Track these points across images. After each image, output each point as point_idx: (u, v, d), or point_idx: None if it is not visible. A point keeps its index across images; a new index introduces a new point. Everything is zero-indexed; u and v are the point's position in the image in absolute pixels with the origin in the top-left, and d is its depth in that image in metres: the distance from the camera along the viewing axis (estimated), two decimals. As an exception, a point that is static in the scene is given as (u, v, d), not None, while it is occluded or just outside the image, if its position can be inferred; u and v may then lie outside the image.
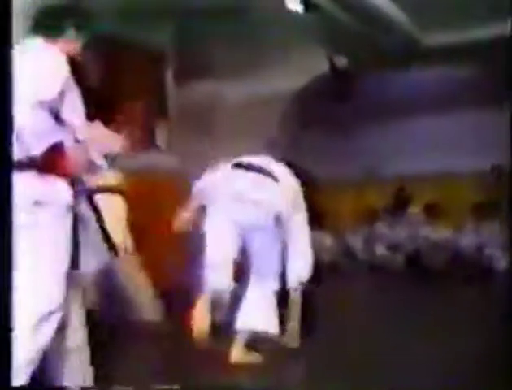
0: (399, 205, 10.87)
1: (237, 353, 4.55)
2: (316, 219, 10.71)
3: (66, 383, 3.16)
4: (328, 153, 11.48)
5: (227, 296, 4.76)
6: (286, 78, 9.41)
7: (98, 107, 3.59)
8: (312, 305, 5.13)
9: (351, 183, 11.73)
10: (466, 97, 10.47)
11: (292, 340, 4.82)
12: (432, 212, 10.49)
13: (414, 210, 10.82)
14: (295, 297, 4.88)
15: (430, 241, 10.27)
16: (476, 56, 9.48)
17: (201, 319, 4.42)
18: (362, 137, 11.99)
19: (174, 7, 7.77)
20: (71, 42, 3.35)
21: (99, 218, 3.27)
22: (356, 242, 11.31)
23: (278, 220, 4.67)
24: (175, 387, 3.31)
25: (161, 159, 8.61)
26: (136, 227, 5.32)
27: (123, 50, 8.20)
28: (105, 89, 3.38)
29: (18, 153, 2.85)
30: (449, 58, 10.08)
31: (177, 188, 8.53)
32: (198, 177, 4.93)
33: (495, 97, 9.37)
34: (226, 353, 4.49)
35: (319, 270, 5.11)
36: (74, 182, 3.12)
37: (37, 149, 2.89)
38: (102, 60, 7.86)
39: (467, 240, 10.01)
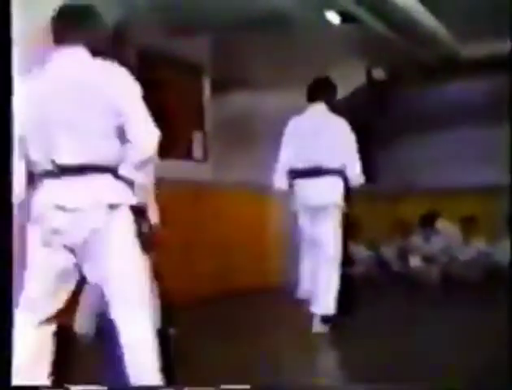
0: (426, 219, 10.81)
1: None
2: (351, 231, 10.81)
3: None
4: (365, 165, 11.46)
5: None
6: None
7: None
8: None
9: (386, 195, 11.70)
10: (504, 109, 10.39)
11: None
12: (468, 225, 10.44)
13: (444, 223, 10.75)
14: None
15: (464, 254, 10.21)
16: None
17: None
18: (398, 149, 11.97)
19: (212, 19, 7.85)
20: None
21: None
22: (390, 254, 11.27)
23: None
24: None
25: (198, 170, 8.71)
26: (171, 237, 5.38)
27: (162, 62, 8.30)
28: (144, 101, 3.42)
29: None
30: (487, 69, 10.04)
31: (213, 199, 8.67)
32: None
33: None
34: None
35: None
36: None
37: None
38: (143, 71, 7.99)
39: (502, 253, 9.93)
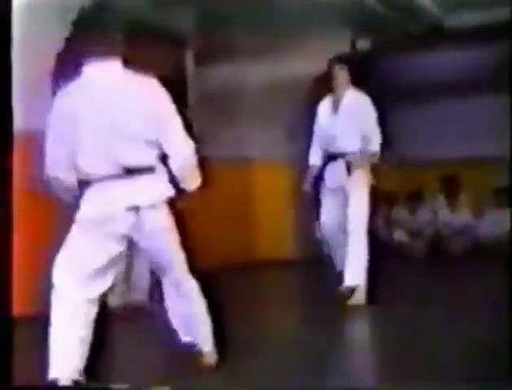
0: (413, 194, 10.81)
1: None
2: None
3: None
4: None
5: None
6: (308, 62, 9.34)
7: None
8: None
9: (374, 166, 11.65)
10: (492, 79, 10.33)
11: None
12: (450, 186, 10.42)
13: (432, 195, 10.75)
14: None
15: (450, 227, 10.19)
16: (502, 37, 9.34)
17: None
18: (382, 122, 11.89)
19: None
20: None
21: None
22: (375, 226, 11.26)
23: None
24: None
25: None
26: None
27: (144, 34, 8.16)
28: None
29: None
30: (473, 39, 9.97)
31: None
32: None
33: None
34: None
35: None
36: None
37: None
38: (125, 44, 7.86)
39: (488, 225, 9.92)
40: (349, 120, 6.14)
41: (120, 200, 3.43)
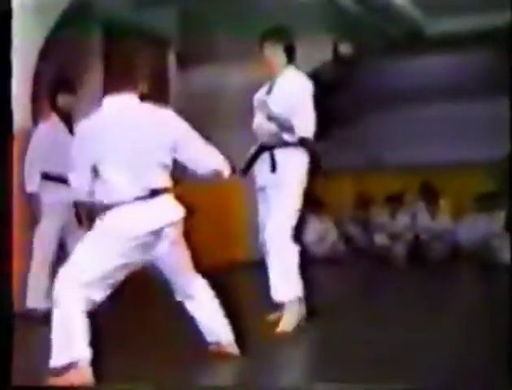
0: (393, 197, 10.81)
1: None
2: (317, 206, 10.78)
3: None
4: (331, 141, 11.43)
5: None
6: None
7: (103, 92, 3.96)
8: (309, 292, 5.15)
9: (352, 171, 11.70)
10: (471, 85, 10.40)
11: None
12: (432, 201, 10.44)
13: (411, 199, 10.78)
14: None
15: (430, 231, 10.23)
16: (482, 43, 9.42)
17: None
18: (364, 125, 11.94)
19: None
20: None
21: None
22: (355, 230, 11.29)
23: None
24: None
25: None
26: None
27: (127, 35, 8.15)
28: (107, 75, 3.73)
29: None
30: (454, 45, 10.02)
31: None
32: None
33: (501, 86, 9.29)
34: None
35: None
36: None
37: None
38: (106, 45, 7.86)
39: (468, 230, 9.96)
40: (278, 101, 5.05)
41: (147, 222, 3.75)
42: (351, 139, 11.82)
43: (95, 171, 3.78)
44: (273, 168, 5.06)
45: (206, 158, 4.07)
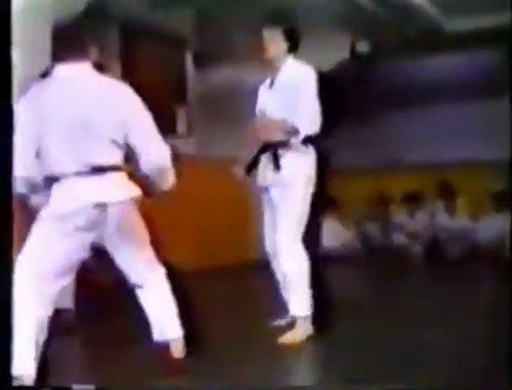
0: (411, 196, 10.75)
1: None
2: (334, 206, 10.78)
3: None
4: (349, 140, 11.41)
5: None
6: (308, 64, 9.32)
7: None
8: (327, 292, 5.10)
9: (371, 170, 11.65)
10: (489, 83, 10.33)
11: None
12: (450, 200, 10.39)
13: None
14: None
15: (448, 230, 10.19)
16: (501, 41, 9.35)
17: None
18: (382, 124, 11.90)
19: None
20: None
21: None
22: (374, 230, 11.26)
23: None
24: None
25: (180, 145, 8.60)
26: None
27: (144, 34, 8.18)
28: (126, 75, 3.62)
29: None
30: (472, 43, 9.97)
31: (196, 174, 8.58)
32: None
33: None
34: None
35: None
36: None
37: None
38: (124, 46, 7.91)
39: (486, 229, 9.90)
40: (281, 96, 4.77)
41: (87, 196, 3.50)
42: (368, 138, 11.77)
43: (39, 146, 3.53)
44: (277, 167, 4.72)
45: (155, 150, 3.67)
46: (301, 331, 4.72)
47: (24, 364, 3.35)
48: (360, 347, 4.50)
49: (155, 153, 3.66)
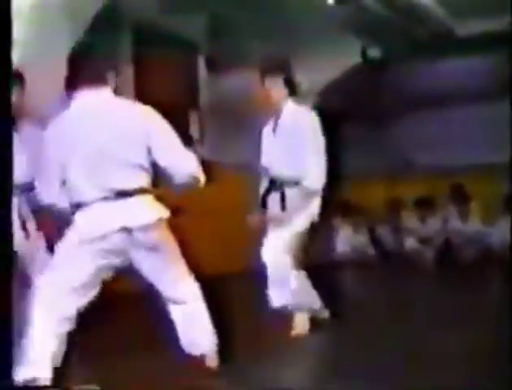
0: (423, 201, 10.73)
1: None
2: (347, 211, 10.80)
3: None
4: (361, 146, 11.43)
5: None
6: (319, 69, 9.36)
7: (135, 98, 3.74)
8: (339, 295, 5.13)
9: (383, 174, 11.65)
10: (501, 86, 10.31)
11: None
12: (463, 204, 10.37)
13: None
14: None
15: (461, 235, 10.17)
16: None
17: None
18: (395, 129, 11.90)
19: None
20: None
21: None
22: (385, 234, 11.27)
23: None
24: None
25: (193, 150, 8.62)
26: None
27: (157, 39, 8.21)
28: (139, 80, 3.61)
29: None
30: (483, 46, 9.96)
31: (208, 179, 8.57)
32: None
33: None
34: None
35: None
36: None
37: None
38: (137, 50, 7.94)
39: (499, 233, 9.88)
40: (284, 143, 5.04)
41: (112, 221, 3.53)
42: (381, 143, 11.77)
43: (64, 175, 3.59)
44: (282, 207, 5.02)
45: (185, 164, 3.72)
46: (300, 321, 4.99)
47: (41, 371, 3.44)
48: (372, 348, 4.51)
49: (187, 168, 3.71)
